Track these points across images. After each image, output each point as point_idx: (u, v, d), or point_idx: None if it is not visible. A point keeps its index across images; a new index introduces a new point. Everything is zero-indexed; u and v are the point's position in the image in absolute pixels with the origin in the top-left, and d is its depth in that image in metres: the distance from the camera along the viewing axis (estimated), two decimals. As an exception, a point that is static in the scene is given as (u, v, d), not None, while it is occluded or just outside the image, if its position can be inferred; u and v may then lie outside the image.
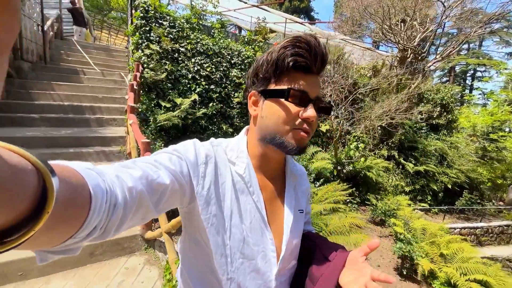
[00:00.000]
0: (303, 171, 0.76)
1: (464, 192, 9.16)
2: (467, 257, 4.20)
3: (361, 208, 7.29)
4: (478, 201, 9.49)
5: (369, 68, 10.61)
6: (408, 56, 8.36)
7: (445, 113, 10.88)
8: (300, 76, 0.55)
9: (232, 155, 0.61)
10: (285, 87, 0.55)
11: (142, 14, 5.77)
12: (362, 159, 7.26)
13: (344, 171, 7.22)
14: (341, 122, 6.90)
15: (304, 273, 0.65)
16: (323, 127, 8.11)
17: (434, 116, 10.75)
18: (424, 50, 7.91)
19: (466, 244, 4.52)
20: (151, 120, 5.05)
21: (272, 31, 11.07)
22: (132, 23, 5.99)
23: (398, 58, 8.80)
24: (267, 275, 0.59)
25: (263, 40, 8.18)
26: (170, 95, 5.68)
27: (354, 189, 7.38)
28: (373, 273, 0.51)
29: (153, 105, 5.36)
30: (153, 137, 4.91)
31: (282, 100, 0.55)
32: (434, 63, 8.58)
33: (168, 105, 5.47)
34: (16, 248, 0.24)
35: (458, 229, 8.20)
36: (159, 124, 4.99)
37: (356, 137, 7.88)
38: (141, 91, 5.56)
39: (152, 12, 5.90)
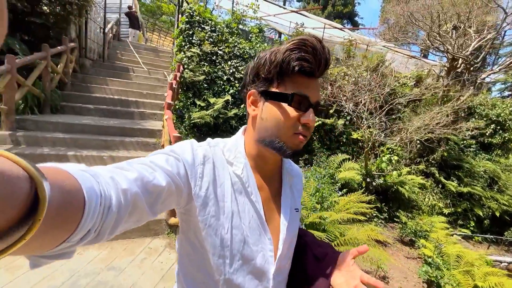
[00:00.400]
0: (299, 171, 0.77)
1: (516, 222, 8.05)
2: (506, 293, 3.75)
3: (389, 225, 6.88)
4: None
5: (412, 77, 9.95)
6: (458, 66, 7.66)
7: (500, 131, 9.69)
8: (303, 80, 0.55)
9: (229, 155, 0.61)
10: (288, 91, 0.55)
11: (187, 19, 6.25)
12: (395, 173, 6.85)
13: (374, 183, 6.88)
14: (374, 132, 6.60)
15: (296, 272, 0.66)
16: (355, 135, 7.84)
17: (487, 134, 9.64)
18: (478, 60, 7.16)
19: (508, 280, 4.02)
20: (186, 117, 5.46)
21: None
22: (177, 27, 6.53)
23: (446, 68, 8.11)
24: (266, 275, 0.59)
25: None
26: (206, 94, 6.06)
27: (383, 204, 7.01)
28: (363, 276, 0.52)
29: (189, 103, 5.78)
30: (186, 132, 5.30)
31: (284, 104, 0.55)
32: (489, 74, 7.71)
33: (202, 104, 5.84)
34: (9, 254, 0.24)
35: (505, 264, 7.23)
36: (193, 121, 5.36)
37: (390, 149, 7.47)
38: (180, 90, 6.03)
39: (197, 17, 6.36)
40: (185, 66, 6.01)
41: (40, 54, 4.00)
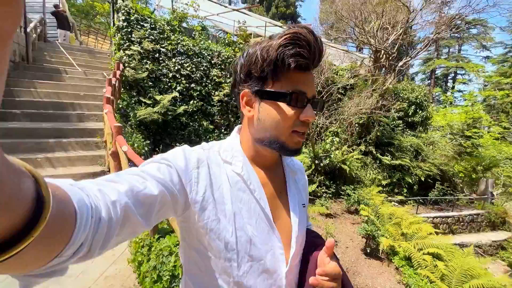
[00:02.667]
0: (300, 165, 0.75)
1: (436, 184, 9.69)
2: (424, 235, 4.59)
3: (338, 200, 7.64)
4: (451, 192, 10.05)
5: (347, 69, 11.19)
6: (381, 57, 8.91)
7: (419, 111, 11.52)
8: (299, 76, 0.53)
9: (227, 155, 0.59)
10: (284, 89, 0.53)
11: (123, 17, 6.04)
12: (338, 152, 7.65)
13: (322, 164, 7.58)
14: (317, 117, 7.28)
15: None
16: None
17: (410, 114, 11.36)
18: (394, 50, 8.46)
19: (425, 224, 4.91)
20: (131, 115, 5.30)
21: (257, 35, 11.53)
22: (114, 24, 6.26)
23: (372, 59, 9.35)
24: (277, 274, 0.57)
25: (243, 42, 8.57)
26: (151, 92, 5.95)
27: (331, 182, 7.77)
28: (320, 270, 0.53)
29: (133, 101, 5.61)
30: (132, 131, 5.15)
31: (282, 103, 0.53)
32: (405, 62, 9.16)
33: (148, 102, 5.73)
34: (3, 268, 0.24)
35: (431, 218, 8.67)
36: (139, 118, 5.23)
37: (332, 132, 8.29)
38: (122, 89, 5.80)
39: (134, 14, 6.19)
40: (126, 64, 5.82)
41: None
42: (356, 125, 9.90)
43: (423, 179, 9.47)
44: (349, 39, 9.19)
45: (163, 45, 6.42)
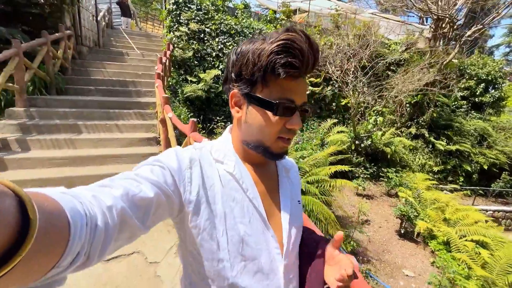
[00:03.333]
0: (293, 163, 0.75)
1: (503, 174, 8.40)
2: (471, 222, 4.22)
3: (378, 183, 7.33)
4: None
5: (401, 43, 10.05)
6: (444, 26, 7.76)
7: (491, 90, 9.83)
8: (289, 84, 0.52)
9: (219, 155, 0.59)
10: (272, 97, 0.52)
11: (173, 0, 6.54)
12: (380, 132, 7.22)
13: (362, 145, 7.28)
14: (359, 95, 6.92)
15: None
16: (344, 102, 8.16)
17: (477, 93, 9.79)
18: (460, 18, 7.25)
19: (474, 212, 4.48)
20: (179, 92, 5.90)
21: (304, 11, 11.07)
22: (165, 8, 6.83)
23: (432, 29, 8.22)
24: (274, 273, 0.56)
25: (285, 19, 8.41)
26: (196, 71, 6.45)
27: (372, 164, 7.43)
28: (346, 269, 0.50)
29: (181, 79, 6.20)
30: (180, 106, 5.76)
31: (268, 111, 0.53)
32: (475, 31, 7.79)
33: (194, 80, 6.25)
34: None
35: (491, 212, 7.69)
36: (186, 95, 5.80)
37: (376, 111, 7.79)
38: (172, 68, 6.43)
39: (182, -3, 6.63)
40: (175, 45, 6.38)
41: (41, 40, 4.43)
42: (407, 105, 9.03)
43: (485, 167, 8.31)
44: (404, 7, 8.16)
45: (208, 25, 6.78)
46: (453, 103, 10.07)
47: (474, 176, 8.56)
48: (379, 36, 10.39)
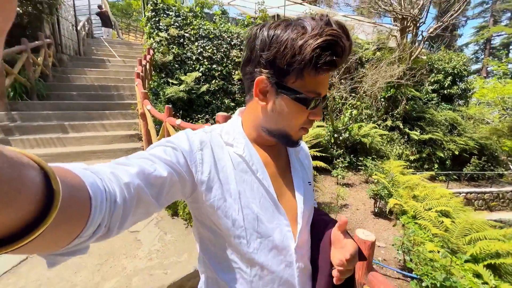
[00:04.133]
0: (303, 145, 0.74)
1: (472, 158, 9.01)
2: (437, 197, 4.60)
3: (358, 173, 7.69)
4: (491, 168, 9.24)
5: (373, 43, 10.71)
6: (408, 24, 8.41)
7: (458, 83, 10.58)
8: (323, 78, 0.53)
9: (228, 137, 0.60)
10: (305, 89, 0.52)
11: (151, 7, 6.81)
12: (356, 125, 7.64)
13: (341, 138, 7.67)
14: (333, 90, 7.35)
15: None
16: (322, 100, 8.56)
17: (445, 86, 10.51)
18: (421, 16, 7.92)
19: (439, 188, 4.88)
20: (161, 94, 6.10)
21: (284, 17, 11.61)
22: (145, 16, 7.08)
23: (398, 27, 8.87)
24: (287, 250, 0.58)
25: (262, 22, 8.82)
26: (177, 74, 6.68)
27: (352, 155, 7.81)
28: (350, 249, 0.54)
29: (162, 82, 6.41)
30: (162, 108, 5.95)
31: (299, 103, 0.52)
32: (435, 28, 8.48)
33: (175, 82, 6.48)
34: (24, 251, 0.24)
35: (464, 194, 8.21)
36: (167, 96, 6.01)
37: (351, 105, 8.24)
38: (153, 72, 6.64)
39: (161, 4, 6.91)
40: (155, 50, 6.61)
41: (21, 47, 4.56)
42: (382, 99, 9.58)
43: (457, 153, 8.88)
44: (373, 9, 8.79)
45: (187, 31, 7.07)
46: (425, 96, 10.74)
47: (447, 162, 9.11)
48: (354, 37, 11.03)
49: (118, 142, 4.17)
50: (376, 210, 4.86)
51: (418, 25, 8.01)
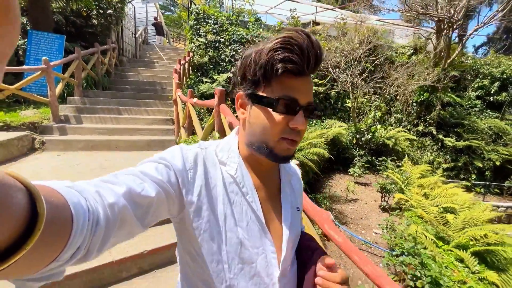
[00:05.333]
0: (295, 170, 0.75)
1: (517, 171, 8.14)
2: (449, 195, 4.56)
3: (378, 174, 7.64)
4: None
5: (409, 47, 10.43)
6: (444, 27, 8.12)
7: (508, 89, 9.62)
8: (291, 81, 0.52)
9: (222, 155, 0.59)
10: (274, 94, 0.52)
11: (194, 17, 7.94)
12: (379, 126, 7.64)
13: (363, 139, 7.73)
14: (358, 91, 7.52)
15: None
16: (348, 102, 8.72)
17: (491, 92, 9.66)
18: (459, 18, 7.58)
19: (451, 189, 4.80)
20: (195, 90, 7.08)
21: (317, 23, 12.06)
22: (188, 24, 8.26)
23: (435, 30, 8.60)
24: (270, 278, 0.57)
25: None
26: (211, 73, 7.64)
27: (374, 157, 7.80)
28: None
29: (198, 80, 7.41)
30: (196, 101, 6.91)
31: (270, 109, 0.52)
32: (476, 29, 8.00)
33: (208, 80, 7.43)
34: (1, 274, 0.23)
35: (503, 208, 7.49)
36: (201, 92, 6.96)
37: (375, 107, 8.23)
38: (191, 71, 7.71)
39: (202, 14, 8.02)
40: (194, 52, 7.68)
41: (94, 49, 5.93)
42: (414, 104, 9.26)
43: (498, 163, 8.13)
44: (409, 14, 8.69)
45: (222, 36, 8.03)
46: (467, 103, 10.02)
47: (487, 173, 8.39)
48: (388, 41, 10.91)
49: (157, 124, 5.15)
50: (384, 205, 4.99)
51: (454, 26, 7.71)
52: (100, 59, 6.22)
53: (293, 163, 0.77)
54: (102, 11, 7.00)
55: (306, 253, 0.64)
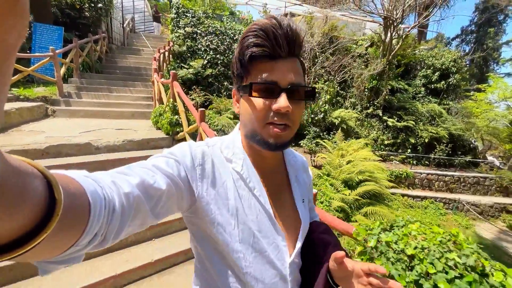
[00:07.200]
0: (303, 161, 0.76)
1: (438, 145, 9.97)
2: (359, 155, 6.24)
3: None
4: (457, 154, 10.05)
5: (367, 39, 11.91)
6: (389, 24, 9.60)
7: (446, 78, 11.30)
8: (267, 65, 0.53)
9: (228, 152, 0.61)
10: (254, 81, 0.53)
11: (175, 11, 9.18)
12: (327, 107, 9.23)
13: (316, 118, 9.33)
14: (311, 75, 9.04)
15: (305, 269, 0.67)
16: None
17: (433, 81, 11.32)
18: (397, 16, 9.07)
19: (364, 151, 6.48)
20: (175, 74, 8.47)
21: (292, 14, 13.32)
22: (170, 17, 9.50)
23: (382, 26, 10.09)
24: (281, 264, 0.60)
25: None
26: (189, 60, 9.00)
27: (325, 133, 9.43)
28: (363, 266, 0.52)
29: (177, 66, 8.78)
30: (175, 84, 8.31)
31: (251, 97, 0.54)
32: (413, 27, 9.53)
33: (186, 67, 8.80)
34: (21, 258, 0.24)
35: (425, 174, 9.34)
36: (179, 77, 8.35)
37: (325, 90, 9.80)
38: (172, 59, 9.04)
39: (181, 8, 9.25)
40: (174, 42, 8.99)
41: (88, 39, 7.20)
42: (366, 90, 10.85)
43: (427, 140, 9.90)
44: (359, 10, 10.11)
45: (199, 28, 9.32)
46: (414, 89, 11.69)
47: (419, 148, 10.19)
48: (350, 34, 12.33)
49: (140, 101, 6.59)
50: (312, 164, 6.64)
51: (395, 24, 9.22)
52: (93, 47, 7.51)
53: (301, 155, 0.78)
54: (93, 5, 8.18)
55: (319, 247, 0.66)
